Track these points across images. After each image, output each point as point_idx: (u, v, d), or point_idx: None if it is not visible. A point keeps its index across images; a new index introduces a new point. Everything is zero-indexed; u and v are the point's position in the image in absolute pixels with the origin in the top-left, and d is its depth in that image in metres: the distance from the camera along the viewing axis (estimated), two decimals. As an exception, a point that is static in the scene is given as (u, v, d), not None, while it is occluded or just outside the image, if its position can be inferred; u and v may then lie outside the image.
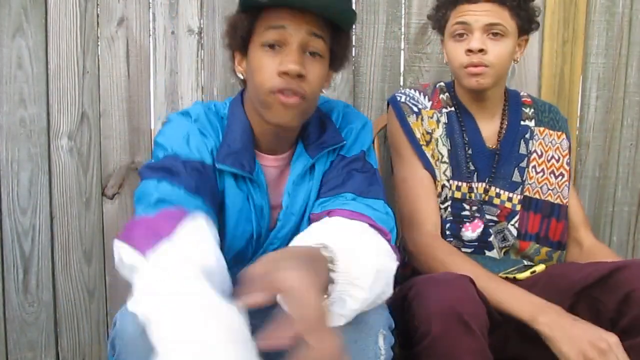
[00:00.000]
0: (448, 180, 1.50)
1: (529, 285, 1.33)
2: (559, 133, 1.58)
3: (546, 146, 1.55)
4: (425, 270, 1.36)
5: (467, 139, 1.52)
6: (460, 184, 1.50)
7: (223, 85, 1.83)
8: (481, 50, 1.40)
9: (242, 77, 1.22)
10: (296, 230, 1.25)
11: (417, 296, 1.14)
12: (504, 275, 1.43)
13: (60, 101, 1.77)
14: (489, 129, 1.55)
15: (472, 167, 1.51)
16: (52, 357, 1.85)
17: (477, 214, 1.50)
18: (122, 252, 0.98)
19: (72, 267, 1.83)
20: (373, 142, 1.78)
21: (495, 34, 1.41)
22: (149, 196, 1.04)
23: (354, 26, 1.84)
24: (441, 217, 1.49)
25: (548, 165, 1.55)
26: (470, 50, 1.41)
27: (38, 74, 1.76)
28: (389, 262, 1.07)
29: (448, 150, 1.51)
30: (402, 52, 1.90)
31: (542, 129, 1.57)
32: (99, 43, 1.78)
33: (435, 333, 1.10)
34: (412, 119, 1.52)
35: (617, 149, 2.01)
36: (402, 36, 1.89)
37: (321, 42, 1.13)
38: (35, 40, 1.74)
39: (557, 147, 1.56)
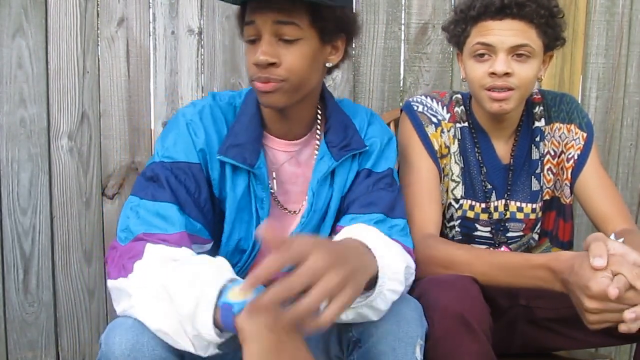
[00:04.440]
0: (457, 200, 1.45)
1: None
2: (569, 125, 1.49)
3: (558, 143, 1.49)
4: (422, 272, 1.28)
5: (480, 158, 1.46)
6: (474, 203, 1.46)
7: (223, 85, 1.83)
8: (506, 74, 1.32)
9: None
10: (316, 230, 1.26)
11: (420, 297, 1.13)
12: None
13: (60, 101, 1.78)
14: (504, 147, 1.49)
15: (489, 186, 1.46)
16: (52, 357, 1.85)
17: (497, 236, 1.47)
18: (110, 285, 1.08)
19: (72, 267, 1.83)
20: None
21: (520, 55, 1.32)
22: (129, 221, 1.13)
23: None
24: (446, 236, 1.47)
25: (559, 162, 1.49)
26: (494, 73, 1.32)
27: (38, 74, 1.76)
28: (411, 262, 1.16)
29: (461, 168, 1.46)
30: (402, 52, 1.90)
31: (552, 125, 1.50)
32: (99, 43, 1.79)
33: (437, 334, 1.09)
34: (430, 130, 1.44)
35: (617, 149, 2.01)
36: (402, 36, 1.89)
37: (292, 28, 1.13)
38: (35, 40, 1.75)
39: (569, 143, 1.49)
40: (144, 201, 1.14)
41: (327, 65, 1.22)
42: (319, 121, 1.29)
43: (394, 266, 1.05)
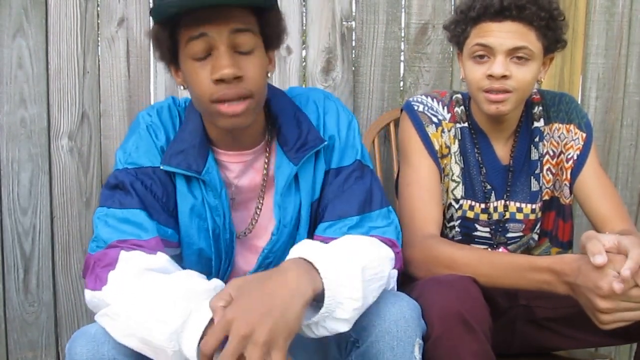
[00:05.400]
0: (458, 200, 1.45)
1: None
2: (568, 125, 1.48)
3: (558, 143, 1.49)
4: (424, 272, 1.28)
5: (480, 159, 1.46)
6: (473, 203, 1.46)
7: (223, 85, 1.83)
8: (504, 76, 1.31)
9: (183, 87, 1.17)
10: (290, 241, 1.22)
11: (419, 297, 1.13)
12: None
13: (60, 101, 1.78)
14: (504, 148, 1.49)
15: (488, 187, 1.47)
16: (53, 357, 1.86)
17: (497, 237, 1.48)
18: (87, 297, 1.07)
19: (72, 267, 1.83)
20: (373, 139, 1.78)
21: (519, 58, 1.31)
22: (98, 230, 1.11)
23: (354, 26, 1.85)
24: (446, 236, 1.47)
25: (559, 162, 1.49)
26: (491, 75, 1.32)
27: (38, 74, 1.76)
28: (376, 255, 1.08)
29: (461, 168, 1.46)
30: (402, 52, 1.90)
31: (551, 125, 1.49)
32: (99, 43, 1.79)
33: (437, 334, 1.09)
34: (431, 129, 1.43)
35: (616, 149, 2.01)
36: (402, 36, 1.89)
37: (249, 36, 1.07)
38: (35, 41, 1.75)
39: (568, 143, 1.48)
40: (111, 209, 1.12)
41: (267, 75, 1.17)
42: (269, 126, 1.22)
43: (346, 271, 0.99)
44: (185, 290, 0.97)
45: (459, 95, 1.50)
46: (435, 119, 1.45)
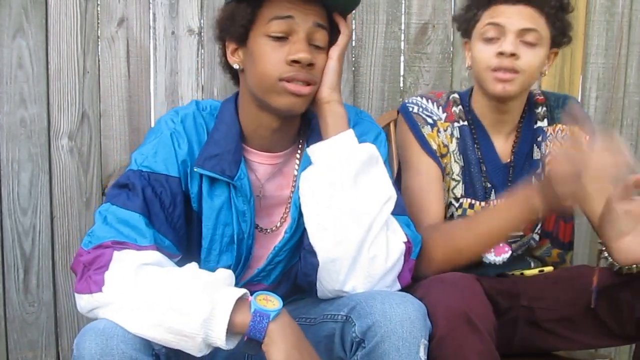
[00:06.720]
0: (458, 199, 1.46)
1: (550, 283, 1.37)
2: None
3: (561, 144, 1.47)
4: (426, 269, 1.28)
5: (480, 156, 1.46)
6: (473, 202, 1.46)
7: (223, 85, 1.83)
8: (513, 55, 1.32)
9: (237, 67, 1.20)
10: (302, 240, 1.23)
11: (424, 297, 1.13)
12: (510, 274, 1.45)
13: (60, 101, 1.78)
14: (504, 145, 1.49)
15: (488, 185, 1.47)
16: (53, 357, 1.85)
17: None
18: (83, 302, 1.08)
19: (73, 267, 1.83)
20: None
21: (528, 41, 1.33)
22: (95, 226, 1.13)
23: (353, 26, 1.85)
24: None
25: None
26: (501, 53, 1.32)
27: (38, 74, 1.76)
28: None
29: (461, 167, 1.46)
30: (402, 52, 1.90)
31: (555, 126, 1.49)
32: (99, 43, 1.79)
33: (441, 333, 1.09)
34: (427, 130, 1.44)
35: (617, 149, 2.01)
36: (402, 36, 1.89)
37: (324, 34, 1.16)
38: (35, 41, 1.75)
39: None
40: (113, 207, 1.13)
41: None
42: (302, 132, 1.26)
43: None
44: (205, 281, 1.02)
45: (456, 95, 1.50)
46: (430, 120, 1.46)
